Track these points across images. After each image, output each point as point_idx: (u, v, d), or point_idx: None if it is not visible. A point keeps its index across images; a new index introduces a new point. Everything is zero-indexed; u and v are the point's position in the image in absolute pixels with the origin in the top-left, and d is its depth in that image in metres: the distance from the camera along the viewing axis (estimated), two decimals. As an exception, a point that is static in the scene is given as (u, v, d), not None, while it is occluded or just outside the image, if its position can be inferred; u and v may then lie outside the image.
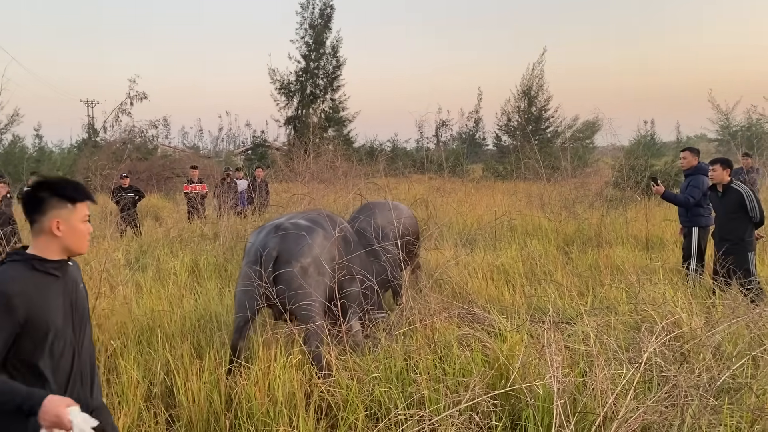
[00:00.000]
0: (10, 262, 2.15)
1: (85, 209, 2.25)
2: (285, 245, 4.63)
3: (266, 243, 4.66)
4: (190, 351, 4.59)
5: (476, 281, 6.53)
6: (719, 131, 31.42)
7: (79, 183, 2.29)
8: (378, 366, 4.18)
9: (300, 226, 4.83)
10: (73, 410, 1.99)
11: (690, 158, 7.17)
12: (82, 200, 2.24)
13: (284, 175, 15.98)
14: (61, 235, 2.19)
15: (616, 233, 9.69)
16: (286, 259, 4.58)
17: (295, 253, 4.62)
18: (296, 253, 4.62)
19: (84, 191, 2.26)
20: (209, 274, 7.68)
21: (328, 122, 32.58)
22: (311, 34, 32.35)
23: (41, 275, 2.17)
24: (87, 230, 2.28)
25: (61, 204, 2.19)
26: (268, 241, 4.66)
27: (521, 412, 3.59)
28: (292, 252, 4.62)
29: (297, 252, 4.63)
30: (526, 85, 32.65)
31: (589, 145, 30.62)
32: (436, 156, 24.35)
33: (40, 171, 23.76)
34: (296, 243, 4.67)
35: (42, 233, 2.19)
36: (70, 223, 2.21)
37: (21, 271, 2.13)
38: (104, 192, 15.50)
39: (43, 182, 2.19)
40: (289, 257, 4.59)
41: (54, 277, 2.20)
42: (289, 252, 4.61)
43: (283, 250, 4.61)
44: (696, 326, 4.19)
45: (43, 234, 2.19)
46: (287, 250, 4.62)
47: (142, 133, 30.44)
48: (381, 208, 6.03)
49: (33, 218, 2.19)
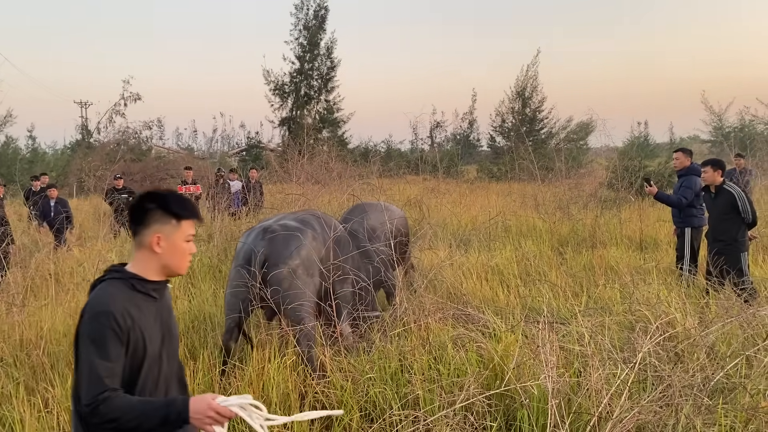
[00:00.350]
0: (110, 280, 2.02)
1: (190, 228, 2.10)
2: (273, 248, 4.61)
3: (255, 246, 4.65)
4: (183, 352, 4.57)
5: (471, 282, 6.53)
6: (712, 132, 31.50)
7: (188, 199, 2.14)
8: (372, 367, 4.17)
9: (288, 227, 4.81)
10: (222, 398, 1.91)
11: (683, 159, 7.20)
12: (187, 218, 2.08)
13: (279, 176, 15.95)
14: (160, 252, 2.05)
15: (610, 234, 9.71)
16: (275, 262, 4.56)
17: (283, 255, 4.60)
18: (284, 256, 4.60)
19: (192, 208, 2.11)
20: (203, 275, 7.65)
21: (322, 123, 32.54)
22: (305, 35, 32.30)
23: (141, 297, 2.03)
24: (189, 250, 2.12)
25: (165, 218, 2.04)
26: (256, 244, 4.65)
27: (516, 412, 3.59)
28: (281, 254, 4.60)
29: (285, 254, 4.61)
30: (520, 87, 32.68)
31: (583, 146, 30.66)
32: (430, 157, 24.35)
33: (34, 172, 23.63)
34: (284, 245, 4.65)
35: (142, 247, 2.06)
36: (172, 240, 2.06)
37: (121, 290, 1.99)
38: (98, 193, 15.43)
39: (151, 193, 2.06)
40: (278, 260, 4.57)
41: (153, 299, 2.06)
42: (277, 255, 4.59)
43: (271, 253, 4.59)
44: (690, 326, 4.21)
45: (142, 248, 2.06)
46: (275, 252, 4.60)
47: (136, 134, 30.36)
48: (372, 209, 6.02)
49: (135, 230, 2.07)
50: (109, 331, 1.89)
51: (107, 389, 1.85)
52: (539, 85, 32.59)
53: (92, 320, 1.91)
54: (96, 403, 1.83)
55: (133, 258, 2.07)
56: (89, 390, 1.85)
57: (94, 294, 1.99)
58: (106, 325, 1.90)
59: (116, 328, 1.90)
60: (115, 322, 1.90)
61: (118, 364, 1.91)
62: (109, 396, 1.85)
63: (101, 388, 1.85)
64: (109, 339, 1.89)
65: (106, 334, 1.89)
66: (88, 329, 1.91)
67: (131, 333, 1.94)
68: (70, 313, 5.65)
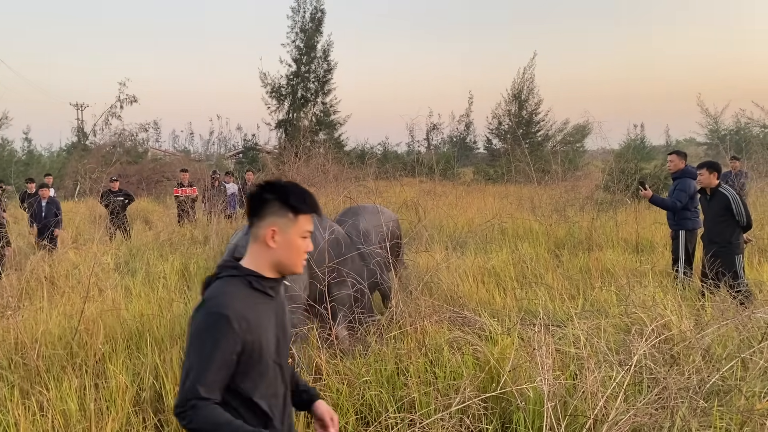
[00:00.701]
0: (227, 278, 1.89)
1: (307, 223, 1.95)
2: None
3: (239, 242, 4.62)
4: (179, 355, 4.56)
5: (467, 284, 6.53)
6: (708, 135, 31.65)
7: (309, 193, 1.98)
8: (369, 370, 4.17)
9: None
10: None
11: (677, 161, 7.21)
12: (306, 212, 1.93)
13: (275, 179, 15.94)
14: (275, 246, 1.90)
15: (606, 236, 9.72)
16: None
17: None
18: None
19: (312, 203, 1.94)
20: (199, 277, 7.64)
21: (319, 126, 32.53)
22: (302, 38, 32.30)
23: (259, 295, 1.89)
24: (305, 247, 1.96)
25: (282, 211, 1.90)
26: (240, 240, 4.63)
27: (512, 415, 3.59)
28: None
29: None
30: (516, 89, 32.76)
31: (580, 148, 30.75)
32: (426, 159, 24.39)
33: (29, 174, 23.57)
34: None
35: (256, 241, 1.92)
36: (288, 235, 1.91)
37: (239, 289, 1.86)
38: (93, 196, 15.41)
39: (270, 183, 1.93)
40: None
41: (269, 297, 1.93)
42: None
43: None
44: (686, 329, 4.21)
45: (257, 242, 1.92)
46: None
47: (132, 137, 30.39)
48: (365, 211, 6.01)
49: (251, 221, 1.94)
50: (221, 335, 1.76)
51: (200, 398, 1.74)
52: (536, 88, 32.71)
53: (205, 321, 1.79)
54: (185, 408, 1.74)
55: (248, 251, 1.95)
56: (183, 393, 1.75)
57: (212, 292, 1.86)
58: (219, 329, 1.77)
59: (230, 333, 1.77)
60: (229, 327, 1.77)
61: (222, 373, 1.78)
62: (199, 405, 1.73)
63: (194, 394, 1.74)
64: (219, 344, 1.76)
65: (217, 338, 1.76)
66: (199, 329, 1.79)
67: (246, 338, 1.80)
68: (66, 315, 5.63)
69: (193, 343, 1.79)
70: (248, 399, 1.85)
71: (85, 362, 4.69)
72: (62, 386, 4.07)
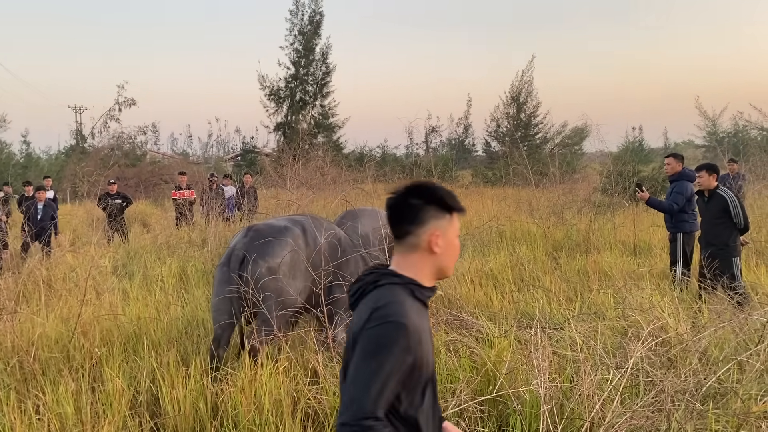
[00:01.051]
0: (389, 285, 1.74)
1: (458, 222, 1.84)
2: (252, 245, 4.56)
3: (236, 244, 4.62)
4: (176, 358, 4.55)
5: (465, 287, 6.53)
6: (706, 137, 31.68)
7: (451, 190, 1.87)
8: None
9: (274, 226, 4.76)
10: None
11: (674, 164, 7.22)
12: (459, 210, 1.83)
13: (273, 182, 15.94)
14: (439, 252, 1.78)
15: (604, 239, 9.73)
16: (254, 259, 4.50)
17: (262, 252, 4.53)
18: (263, 253, 4.53)
19: (458, 200, 1.85)
20: (197, 280, 7.63)
21: (317, 128, 32.59)
22: (301, 41, 32.38)
23: (420, 305, 1.76)
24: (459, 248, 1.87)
25: (440, 214, 1.78)
26: (238, 242, 4.63)
27: (509, 418, 3.59)
28: (260, 251, 4.53)
29: (264, 251, 4.53)
30: (515, 92, 32.82)
31: (578, 151, 30.79)
32: (425, 162, 24.40)
33: (27, 177, 23.57)
34: (265, 243, 4.58)
35: (416, 249, 1.78)
36: (448, 237, 1.80)
37: (405, 297, 1.72)
38: (91, 199, 15.41)
39: (419, 188, 1.80)
40: (256, 257, 4.50)
41: (426, 308, 1.81)
42: (255, 252, 4.53)
43: (249, 250, 4.54)
44: (682, 331, 4.21)
45: (417, 251, 1.78)
46: (254, 249, 4.54)
47: (131, 140, 30.41)
48: (364, 214, 6.01)
49: (406, 230, 1.77)
50: (398, 347, 1.61)
51: (375, 417, 1.58)
52: (534, 90, 32.78)
53: (383, 330, 1.62)
54: (357, 428, 1.57)
55: (398, 262, 1.80)
56: (354, 410, 1.58)
57: (381, 300, 1.69)
58: (398, 341, 1.62)
59: (406, 345, 1.63)
60: (406, 339, 1.63)
61: (393, 389, 1.63)
62: (374, 427, 1.57)
63: (368, 412, 1.58)
64: (395, 357, 1.61)
65: (394, 350, 1.61)
66: (374, 339, 1.63)
67: (417, 352, 1.66)
68: (62, 319, 5.62)
69: (366, 352, 1.63)
70: (412, 418, 1.70)
71: (81, 365, 4.68)
72: (58, 389, 4.06)
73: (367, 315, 1.67)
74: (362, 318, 1.69)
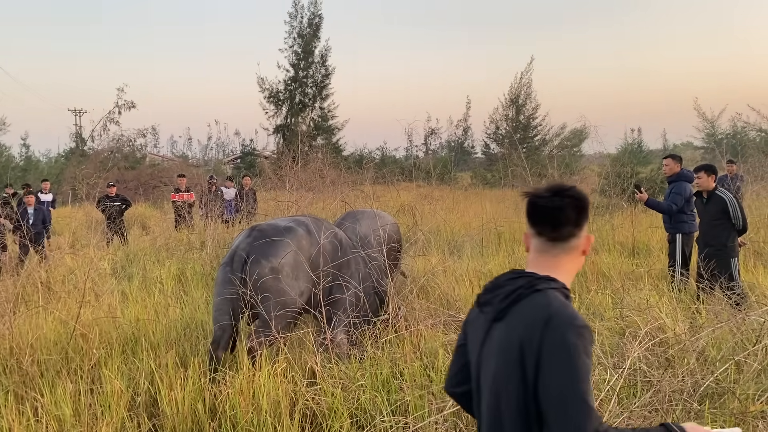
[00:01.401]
0: (549, 290, 1.68)
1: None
2: (256, 245, 4.56)
3: (239, 244, 4.63)
4: (174, 360, 4.56)
5: (463, 288, 6.53)
6: (705, 139, 31.69)
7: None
8: (364, 374, 4.17)
9: (278, 226, 4.76)
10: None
11: (672, 165, 7.23)
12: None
13: (272, 184, 15.95)
14: (586, 255, 1.78)
15: (602, 240, 9.74)
16: (256, 259, 4.50)
17: (266, 252, 4.53)
18: (267, 253, 4.52)
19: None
20: (196, 282, 7.64)
21: (317, 131, 32.58)
22: (300, 43, 32.40)
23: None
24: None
25: (586, 218, 1.76)
26: (241, 243, 4.63)
27: (506, 418, 3.58)
28: (264, 252, 4.53)
29: (268, 252, 4.53)
30: (514, 94, 32.84)
31: (577, 152, 30.78)
32: (424, 164, 24.42)
33: (27, 180, 23.57)
34: (269, 243, 4.57)
35: (574, 251, 1.75)
36: (590, 240, 1.78)
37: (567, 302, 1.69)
38: (90, 201, 15.41)
39: (574, 189, 1.76)
40: (259, 257, 4.51)
41: None
42: (259, 252, 4.53)
43: (252, 250, 4.54)
44: (680, 331, 4.22)
45: (573, 252, 1.75)
46: (257, 249, 4.54)
47: (130, 142, 30.41)
48: (364, 216, 6.02)
49: (571, 232, 1.73)
50: (586, 352, 1.56)
51: (601, 421, 1.53)
52: (533, 93, 32.79)
53: (579, 337, 1.56)
54: None
55: (545, 265, 1.75)
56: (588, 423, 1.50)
57: (556, 303, 1.64)
58: (589, 345, 1.57)
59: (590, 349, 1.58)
60: (590, 342, 1.58)
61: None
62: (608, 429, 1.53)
63: (598, 419, 1.51)
64: (589, 361, 1.57)
65: (589, 354, 1.57)
66: (576, 348, 1.55)
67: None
68: (61, 321, 5.63)
69: (574, 364, 1.54)
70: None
71: (80, 367, 4.68)
72: (57, 391, 4.06)
73: (543, 322, 1.59)
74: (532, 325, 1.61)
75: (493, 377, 1.69)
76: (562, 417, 1.51)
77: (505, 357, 1.65)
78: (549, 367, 1.56)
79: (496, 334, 1.70)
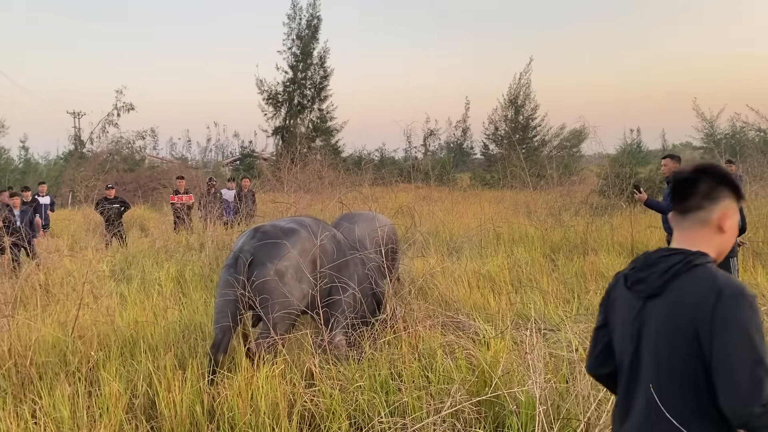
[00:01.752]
0: (708, 264, 1.70)
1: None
2: (260, 247, 4.56)
3: (243, 245, 4.62)
4: (173, 362, 4.55)
5: (462, 289, 6.53)
6: (704, 139, 31.69)
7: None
8: (362, 375, 4.17)
9: (282, 227, 4.76)
10: None
11: (671, 165, 7.23)
12: (742, 198, 1.84)
13: (271, 185, 15.96)
14: (726, 232, 1.77)
15: (601, 240, 9.74)
16: (261, 261, 4.49)
17: (270, 255, 4.53)
18: (271, 256, 4.53)
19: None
20: (195, 284, 7.63)
21: (315, 132, 32.58)
22: (298, 45, 32.39)
23: None
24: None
25: (731, 196, 1.78)
26: (245, 243, 4.62)
27: (504, 419, 3.59)
28: (269, 254, 4.53)
29: (273, 254, 4.54)
30: (512, 94, 32.85)
31: (576, 153, 30.80)
32: (423, 165, 24.41)
33: (26, 182, 23.55)
34: (273, 245, 4.57)
35: (706, 225, 1.77)
36: (733, 220, 1.79)
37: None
38: (88, 203, 15.42)
39: (712, 167, 1.80)
40: (264, 259, 4.51)
41: None
42: (264, 254, 4.53)
43: (257, 252, 4.54)
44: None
45: (707, 227, 1.77)
46: (262, 252, 4.54)
47: (129, 144, 30.41)
48: (361, 218, 6.01)
49: (698, 204, 1.77)
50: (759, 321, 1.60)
51: None
52: (532, 93, 32.80)
53: (750, 307, 1.60)
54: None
55: (683, 240, 1.79)
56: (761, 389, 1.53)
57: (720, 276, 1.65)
58: (758, 314, 1.61)
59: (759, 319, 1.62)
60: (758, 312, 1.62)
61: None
62: None
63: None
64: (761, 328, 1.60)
65: (759, 322, 1.60)
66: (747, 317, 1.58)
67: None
68: (59, 323, 5.62)
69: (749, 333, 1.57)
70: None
71: (78, 369, 4.68)
72: (55, 394, 4.06)
73: (715, 295, 1.61)
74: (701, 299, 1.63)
75: (655, 352, 1.72)
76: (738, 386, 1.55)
77: (671, 332, 1.68)
78: (724, 339, 1.58)
79: (656, 311, 1.73)
